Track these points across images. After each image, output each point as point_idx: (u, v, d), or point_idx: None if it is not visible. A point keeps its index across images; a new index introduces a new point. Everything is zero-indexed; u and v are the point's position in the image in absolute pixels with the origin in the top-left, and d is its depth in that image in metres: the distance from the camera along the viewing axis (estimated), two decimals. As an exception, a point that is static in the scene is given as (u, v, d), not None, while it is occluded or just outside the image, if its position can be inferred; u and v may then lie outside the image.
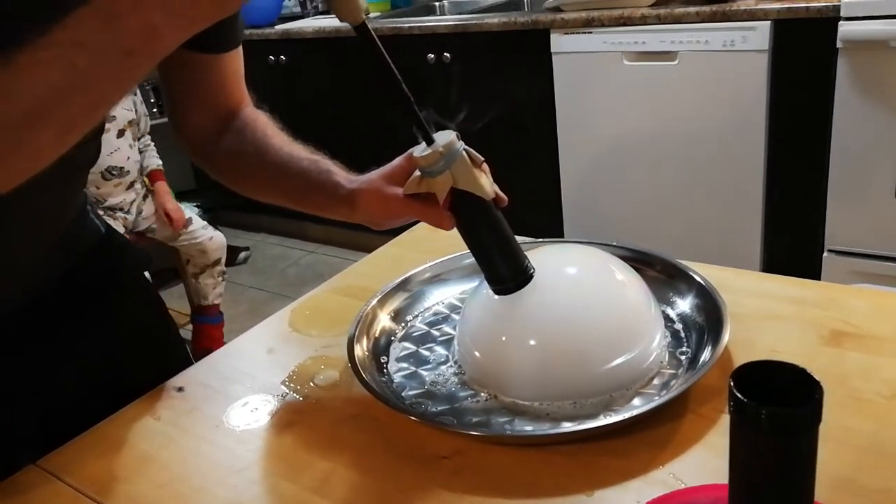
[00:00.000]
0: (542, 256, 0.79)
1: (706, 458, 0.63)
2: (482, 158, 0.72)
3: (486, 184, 0.71)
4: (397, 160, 0.76)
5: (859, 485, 0.58)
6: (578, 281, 0.80)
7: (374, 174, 0.77)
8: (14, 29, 0.51)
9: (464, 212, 0.72)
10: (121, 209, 2.52)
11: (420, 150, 0.70)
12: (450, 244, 0.85)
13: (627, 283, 0.79)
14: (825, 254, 2.14)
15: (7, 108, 0.51)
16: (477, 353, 0.78)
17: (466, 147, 0.71)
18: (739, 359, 0.73)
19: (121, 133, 2.49)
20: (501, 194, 0.73)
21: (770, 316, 0.82)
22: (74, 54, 0.51)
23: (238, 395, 0.80)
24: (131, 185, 2.54)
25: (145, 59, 0.55)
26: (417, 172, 0.72)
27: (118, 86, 0.56)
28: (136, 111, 2.59)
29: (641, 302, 0.78)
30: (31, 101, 0.51)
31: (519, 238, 0.76)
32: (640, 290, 0.79)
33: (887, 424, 0.64)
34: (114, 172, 2.46)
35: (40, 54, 0.50)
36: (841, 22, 1.89)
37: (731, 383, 0.41)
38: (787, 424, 0.40)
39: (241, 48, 0.84)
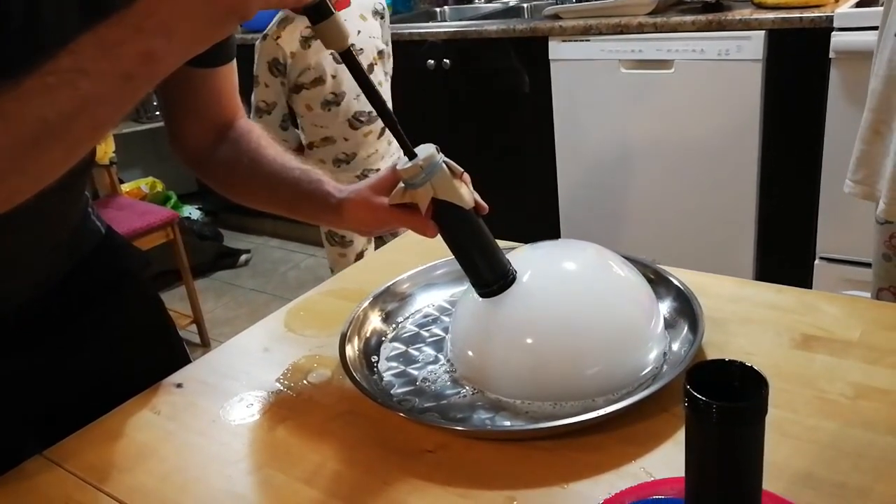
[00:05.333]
0: (545, 255, 0.82)
1: (676, 454, 0.66)
2: (461, 170, 0.76)
3: (466, 193, 0.75)
4: (384, 171, 0.80)
5: (817, 479, 0.61)
6: (575, 284, 0.80)
7: (362, 184, 0.81)
8: (21, 56, 0.54)
9: (445, 220, 0.76)
10: (375, 172, 2.11)
11: (403, 163, 0.74)
12: (440, 249, 0.89)
13: (627, 294, 0.80)
14: (817, 261, 2.17)
15: (18, 129, 0.55)
16: (470, 353, 0.80)
17: (446, 159, 0.75)
18: (713, 360, 0.76)
19: (369, 69, 2.10)
20: (482, 202, 0.77)
21: (746, 320, 0.85)
22: (77, 79, 0.55)
23: (234, 392, 0.84)
24: (383, 133, 2.17)
25: (145, 83, 0.58)
26: (401, 184, 0.76)
27: (119, 108, 0.59)
28: (384, 39, 2.17)
29: (639, 315, 0.78)
30: (39, 123, 0.55)
31: (516, 243, 0.79)
32: (640, 305, 0.79)
33: (849, 423, 0.67)
34: (361, 119, 2.10)
35: (47, 79, 0.54)
36: (834, 32, 1.93)
37: (686, 381, 0.44)
38: (735, 417, 0.43)
39: (234, 62, 0.87)
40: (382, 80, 2.17)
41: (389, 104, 2.17)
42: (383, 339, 0.90)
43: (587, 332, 0.76)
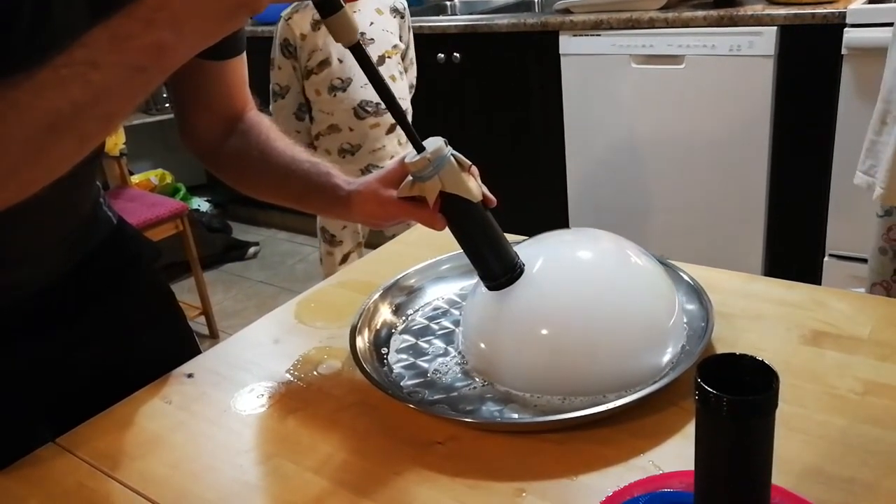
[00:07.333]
0: (560, 244, 0.81)
1: (685, 448, 0.66)
2: (469, 163, 0.77)
3: (474, 186, 0.76)
4: (392, 164, 0.80)
5: (826, 474, 0.61)
6: (591, 275, 0.79)
7: (371, 177, 0.82)
8: (31, 51, 0.55)
9: (453, 213, 0.76)
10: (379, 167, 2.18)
11: (411, 156, 0.75)
12: (450, 242, 0.89)
13: (646, 285, 0.78)
14: (826, 258, 2.16)
15: (31, 120, 0.55)
16: (482, 345, 0.80)
17: (454, 152, 0.76)
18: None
19: (380, 60, 2.08)
20: (490, 195, 0.77)
21: (755, 316, 0.85)
22: (90, 72, 0.55)
23: (245, 382, 0.84)
24: (392, 130, 2.13)
25: (156, 75, 0.59)
26: (410, 177, 0.76)
27: (131, 99, 0.60)
28: (401, 37, 2.16)
29: (659, 308, 0.77)
30: (52, 114, 0.55)
31: (524, 237, 0.79)
32: (661, 296, 0.78)
33: (858, 419, 0.67)
34: (367, 108, 2.05)
35: (60, 72, 0.55)
36: (846, 29, 1.92)
37: (697, 374, 0.44)
38: (746, 410, 0.43)
39: (244, 54, 0.88)
40: (396, 74, 2.15)
41: (406, 102, 2.20)
42: (393, 331, 0.90)
43: (603, 325, 0.75)
